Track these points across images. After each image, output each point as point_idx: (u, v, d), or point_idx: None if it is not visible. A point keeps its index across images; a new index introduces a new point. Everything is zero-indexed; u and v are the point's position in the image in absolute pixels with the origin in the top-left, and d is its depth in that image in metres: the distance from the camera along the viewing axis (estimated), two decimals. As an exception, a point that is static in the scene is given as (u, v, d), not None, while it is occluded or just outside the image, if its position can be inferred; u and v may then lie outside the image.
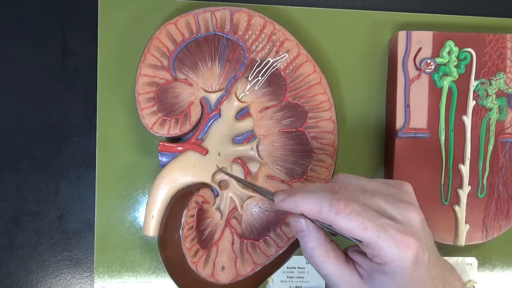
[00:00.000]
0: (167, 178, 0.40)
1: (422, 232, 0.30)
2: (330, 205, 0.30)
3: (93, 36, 0.43)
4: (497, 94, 0.43)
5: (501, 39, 0.43)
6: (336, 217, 0.29)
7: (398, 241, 0.29)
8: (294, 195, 0.31)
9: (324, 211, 0.30)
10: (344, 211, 0.29)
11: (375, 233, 0.29)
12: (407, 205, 0.31)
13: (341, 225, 0.29)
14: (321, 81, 0.41)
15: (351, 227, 0.29)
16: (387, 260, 0.29)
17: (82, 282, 0.44)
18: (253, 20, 0.40)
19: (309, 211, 0.31)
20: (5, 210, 0.43)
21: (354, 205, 0.30)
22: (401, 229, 0.29)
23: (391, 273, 0.30)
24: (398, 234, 0.29)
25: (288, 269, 0.44)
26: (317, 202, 0.30)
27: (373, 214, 0.30)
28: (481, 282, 0.46)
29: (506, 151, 0.44)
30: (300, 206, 0.31)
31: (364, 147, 0.45)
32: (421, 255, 0.29)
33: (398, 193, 0.32)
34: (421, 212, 0.32)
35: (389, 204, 0.31)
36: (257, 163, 0.41)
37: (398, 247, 0.29)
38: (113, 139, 0.43)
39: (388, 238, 0.29)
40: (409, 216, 0.30)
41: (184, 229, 0.39)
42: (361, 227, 0.29)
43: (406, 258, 0.29)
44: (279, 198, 0.32)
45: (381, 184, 0.33)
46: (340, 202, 0.30)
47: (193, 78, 0.41)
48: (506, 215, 0.44)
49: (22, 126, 0.43)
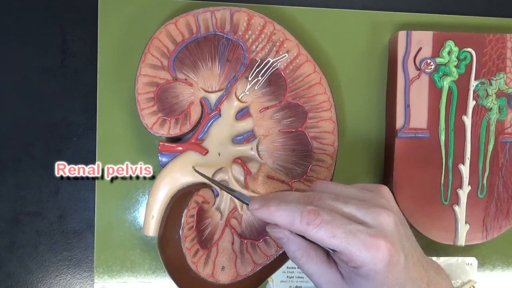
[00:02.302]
0: (167, 178, 0.40)
1: (396, 234, 0.30)
2: (301, 216, 0.30)
3: (93, 36, 0.43)
4: (497, 94, 0.43)
5: (501, 39, 0.43)
6: (306, 228, 0.30)
7: (368, 244, 0.29)
8: (268, 206, 0.32)
9: (296, 222, 0.31)
10: (314, 222, 0.30)
11: (344, 240, 0.29)
12: (380, 208, 0.31)
13: (312, 235, 0.30)
14: (321, 81, 0.41)
15: (321, 237, 0.30)
16: (359, 264, 0.30)
17: (82, 282, 0.44)
18: (253, 20, 0.40)
19: (282, 222, 0.31)
20: (5, 210, 0.43)
21: (324, 215, 0.30)
22: (371, 233, 0.30)
23: (366, 276, 0.30)
24: (368, 238, 0.29)
25: (288, 269, 0.44)
26: (289, 214, 0.31)
27: (342, 221, 0.30)
28: (481, 282, 0.46)
29: (506, 151, 0.44)
30: (274, 217, 0.32)
31: (364, 147, 0.45)
32: (396, 257, 0.30)
33: (373, 198, 0.33)
34: (398, 215, 0.32)
35: (361, 210, 0.31)
36: (257, 163, 0.41)
37: (368, 250, 0.29)
38: (113, 139, 0.43)
39: (357, 243, 0.29)
40: (380, 220, 0.31)
41: (184, 229, 0.39)
42: (331, 235, 0.30)
43: (377, 261, 0.29)
44: (254, 207, 0.33)
45: (358, 190, 0.33)
46: (310, 213, 0.30)
47: (193, 78, 0.41)
48: (506, 215, 0.44)
49: (22, 126, 0.43)
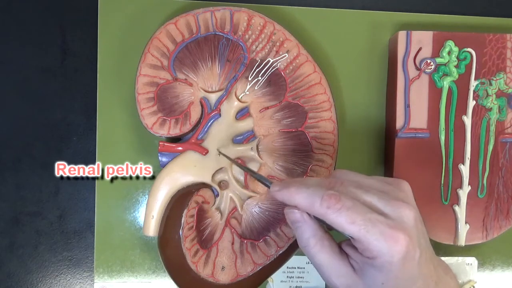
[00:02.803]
0: (167, 178, 0.40)
1: (414, 229, 0.30)
2: (322, 199, 0.30)
3: (93, 36, 0.43)
4: (497, 94, 0.43)
5: (501, 39, 0.43)
6: (326, 211, 0.30)
7: (387, 235, 0.29)
8: (289, 188, 0.32)
9: (316, 205, 0.30)
10: (334, 206, 0.30)
11: (363, 227, 0.29)
12: (401, 202, 0.31)
13: (332, 219, 0.30)
14: (321, 81, 0.41)
15: (340, 222, 0.30)
16: (375, 254, 0.29)
17: (82, 282, 0.44)
18: (253, 20, 0.40)
19: (302, 204, 0.31)
20: (5, 210, 0.43)
21: (345, 200, 0.30)
22: (391, 224, 0.30)
23: (380, 267, 0.30)
24: (388, 229, 0.29)
25: (288, 269, 0.44)
26: (310, 196, 0.31)
27: (363, 209, 0.30)
28: (481, 282, 0.46)
29: (506, 151, 0.43)
30: (294, 198, 0.32)
31: (364, 147, 0.46)
32: (412, 251, 0.30)
33: (394, 191, 0.33)
34: (416, 210, 0.32)
35: (382, 201, 0.31)
36: (257, 163, 0.41)
37: (387, 241, 0.29)
38: (113, 139, 0.43)
39: (376, 233, 0.29)
40: (401, 213, 0.31)
41: (184, 229, 0.39)
42: (350, 221, 0.29)
43: (394, 253, 0.29)
44: (275, 188, 0.33)
45: (378, 181, 0.33)
46: (331, 197, 0.30)
47: (193, 78, 0.41)
48: (506, 215, 0.44)
49: (22, 126, 0.43)
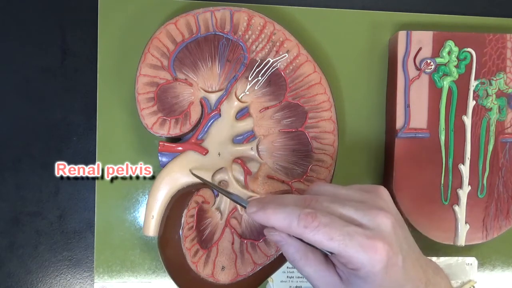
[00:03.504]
0: (167, 178, 0.40)
1: (393, 236, 0.30)
2: (299, 219, 0.30)
3: (93, 36, 0.43)
4: (497, 94, 0.43)
5: (501, 39, 0.43)
6: (304, 231, 0.30)
7: (365, 246, 0.29)
8: (265, 209, 0.32)
9: (293, 225, 0.30)
10: (311, 225, 0.30)
11: (342, 242, 0.29)
12: (378, 210, 0.31)
13: (310, 238, 0.30)
14: (321, 81, 0.41)
15: (319, 239, 0.30)
16: (358, 266, 0.30)
17: (82, 282, 0.44)
18: (253, 20, 0.40)
19: (280, 226, 0.31)
20: (5, 210, 0.43)
21: (321, 217, 0.30)
22: (369, 234, 0.30)
23: (365, 278, 0.30)
24: (365, 240, 0.29)
25: (288, 269, 0.44)
26: (287, 217, 0.31)
27: (340, 223, 0.30)
28: (481, 282, 0.46)
29: (506, 151, 0.43)
30: (270, 220, 0.32)
31: (364, 147, 0.45)
32: (393, 258, 0.30)
33: (371, 199, 0.33)
34: (395, 216, 0.32)
35: (359, 212, 0.31)
36: (257, 163, 0.41)
37: (366, 252, 0.29)
38: (113, 139, 0.43)
39: (355, 245, 0.29)
40: (378, 221, 0.31)
41: (184, 229, 0.39)
42: (328, 238, 0.30)
43: (375, 263, 0.29)
44: (251, 210, 0.33)
45: (355, 191, 0.33)
46: (307, 216, 0.30)
47: (193, 78, 0.41)
48: (506, 215, 0.44)
49: (22, 126, 0.43)
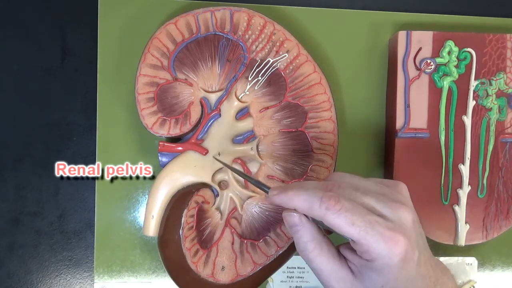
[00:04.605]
0: (167, 178, 0.40)
1: (413, 231, 0.31)
2: (321, 201, 0.30)
3: (93, 36, 0.43)
4: (497, 94, 0.43)
5: (501, 39, 0.43)
6: (326, 213, 0.30)
7: (386, 237, 0.29)
8: (287, 191, 0.32)
9: (315, 207, 0.30)
10: (333, 207, 0.30)
11: (363, 229, 0.29)
12: (399, 204, 0.31)
13: (331, 221, 0.30)
14: (321, 81, 0.41)
15: (339, 223, 0.30)
16: (375, 256, 0.29)
17: (82, 282, 0.44)
18: (253, 20, 0.40)
19: (301, 206, 0.31)
20: (5, 210, 0.43)
21: (344, 202, 0.30)
22: (390, 226, 0.30)
23: (380, 270, 0.30)
24: (387, 231, 0.29)
25: (288, 269, 0.44)
26: (309, 199, 0.31)
27: (362, 211, 0.30)
28: (481, 282, 0.46)
29: (506, 151, 0.43)
30: (293, 201, 0.32)
31: (364, 147, 0.45)
32: (411, 253, 0.30)
33: (392, 193, 0.33)
34: (414, 212, 0.32)
35: (380, 203, 0.31)
36: (257, 163, 0.41)
37: (386, 243, 0.29)
38: (113, 139, 0.43)
39: (376, 234, 0.29)
40: (400, 215, 0.31)
41: (184, 229, 0.39)
42: (349, 223, 0.29)
43: (394, 255, 0.29)
44: (273, 193, 0.33)
45: (375, 183, 0.33)
46: (330, 198, 0.30)
47: (193, 78, 0.41)
48: (506, 215, 0.44)
49: (22, 126, 0.43)
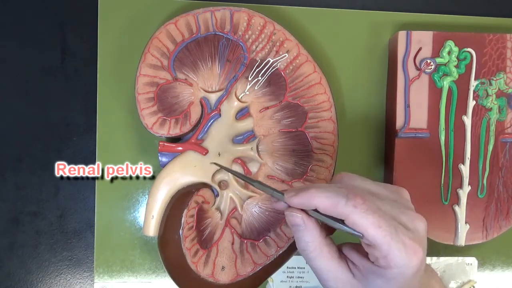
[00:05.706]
0: (167, 178, 0.40)
1: (426, 242, 0.31)
2: (347, 199, 0.29)
3: (93, 36, 0.43)
4: (497, 94, 0.43)
5: (501, 39, 0.43)
6: (353, 211, 0.29)
7: (408, 247, 0.29)
8: (308, 190, 0.31)
9: (341, 204, 0.29)
10: (361, 206, 0.29)
11: (388, 234, 0.28)
12: (414, 213, 0.31)
13: (356, 219, 0.29)
14: (321, 81, 0.41)
15: (366, 223, 0.29)
16: (392, 264, 0.29)
17: (82, 282, 0.44)
18: (253, 20, 0.40)
19: (323, 204, 0.30)
20: (5, 210, 0.43)
21: (370, 203, 0.29)
22: (411, 236, 0.29)
23: (390, 278, 0.29)
24: (408, 240, 0.29)
25: (288, 269, 0.44)
26: (333, 196, 0.30)
27: (386, 215, 0.29)
28: (481, 282, 0.46)
29: (506, 151, 0.43)
30: (314, 199, 0.30)
31: (364, 147, 0.45)
32: (423, 264, 0.30)
33: (401, 199, 0.32)
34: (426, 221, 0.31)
35: (396, 209, 0.30)
36: (257, 163, 0.41)
37: (407, 253, 0.29)
38: (113, 139, 0.43)
39: (399, 242, 0.29)
40: (416, 225, 0.30)
41: (184, 229, 0.39)
42: (377, 225, 0.29)
43: (411, 266, 0.29)
44: (290, 194, 0.31)
45: (384, 188, 0.33)
46: (357, 197, 0.29)
47: (193, 78, 0.41)
48: (506, 215, 0.44)
49: (22, 126, 0.43)
